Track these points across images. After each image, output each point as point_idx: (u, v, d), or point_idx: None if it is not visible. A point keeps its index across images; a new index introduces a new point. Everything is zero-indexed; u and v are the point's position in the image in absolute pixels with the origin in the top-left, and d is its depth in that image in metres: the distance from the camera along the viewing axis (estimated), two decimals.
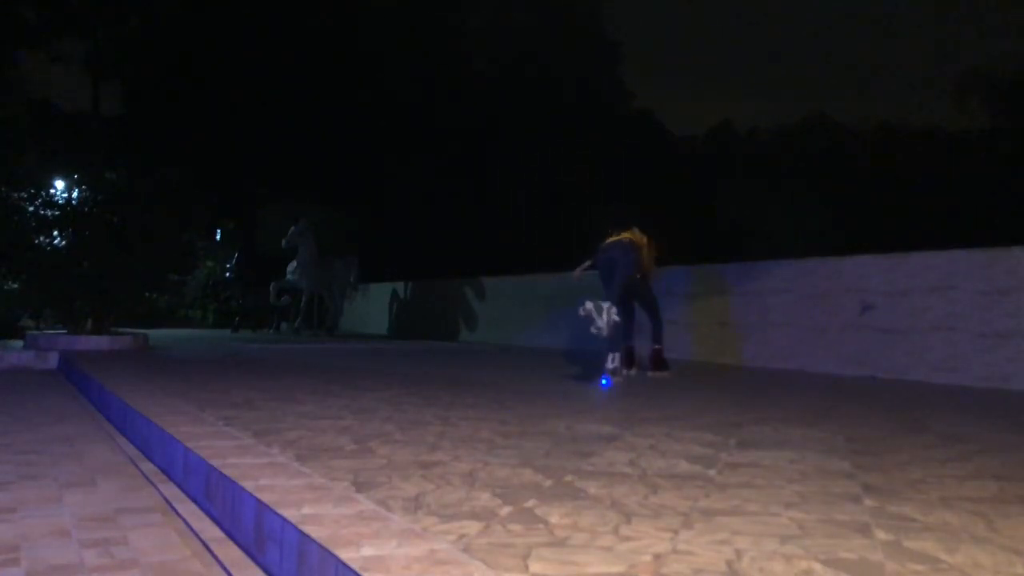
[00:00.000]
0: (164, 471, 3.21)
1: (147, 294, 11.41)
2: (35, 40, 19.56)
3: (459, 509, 2.05)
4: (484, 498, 2.18)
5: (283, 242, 14.06)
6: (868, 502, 2.24)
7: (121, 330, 10.80)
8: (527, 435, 3.33)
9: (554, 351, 10.75)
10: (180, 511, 2.61)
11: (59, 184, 10.25)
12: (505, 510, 2.05)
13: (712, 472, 2.63)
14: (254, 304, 16.48)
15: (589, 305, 5.67)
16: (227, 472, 2.41)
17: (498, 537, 1.80)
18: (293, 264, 14.33)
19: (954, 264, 6.93)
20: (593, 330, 5.69)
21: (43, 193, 9.99)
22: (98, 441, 3.98)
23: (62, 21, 19.85)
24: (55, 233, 9.98)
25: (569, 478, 2.48)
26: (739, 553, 1.72)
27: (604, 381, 5.63)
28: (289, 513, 1.94)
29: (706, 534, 1.87)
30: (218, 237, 17.71)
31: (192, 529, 2.42)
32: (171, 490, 2.91)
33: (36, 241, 9.88)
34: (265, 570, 2.04)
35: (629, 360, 6.59)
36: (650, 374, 6.60)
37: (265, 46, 18.95)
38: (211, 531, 2.39)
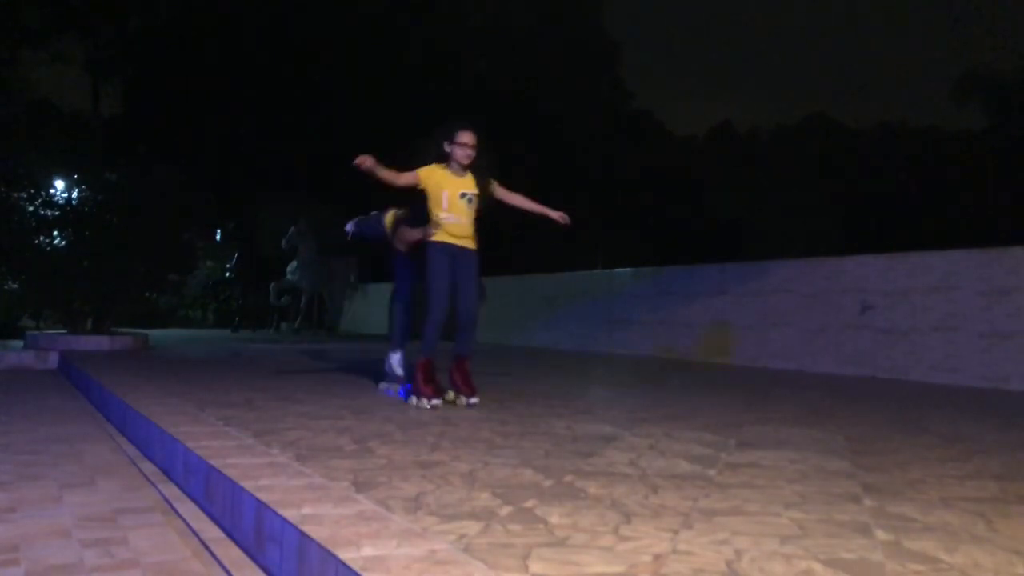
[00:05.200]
0: (164, 471, 3.21)
1: (147, 294, 11.41)
2: (35, 40, 19.55)
3: (459, 509, 2.05)
4: (484, 498, 2.18)
5: (283, 242, 14.06)
6: (868, 502, 2.24)
7: (121, 330, 10.80)
8: (527, 435, 3.33)
9: (554, 351, 10.75)
10: (180, 511, 2.61)
11: (59, 184, 10.25)
12: (505, 510, 2.05)
13: (712, 472, 2.63)
14: (254, 304, 16.47)
15: None
16: (227, 472, 2.41)
17: (498, 537, 1.80)
18: (293, 264, 14.33)
19: (954, 264, 6.93)
20: None
21: (43, 193, 9.99)
22: (98, 441, 3.98)
23: (62, 21, 19.84)
24: (55, 233, 9.98)
25: (569, 478, 2.48)
26: (739, 553, 1.72)
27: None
28: (289, 513, 1.94)
29: (706, 534, 1.87)
30: (218, 237, 17.71)
31: (192, 529, 2.42)
32: (171, 490, 2.91)
33: (36, 241, 9.87)
34: (265, 570, 2.04)
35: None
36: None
37: (265, 47, 18.95)
38: (211, 531, 2.39)
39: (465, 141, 4.37)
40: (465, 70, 21.43)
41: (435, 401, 4.15)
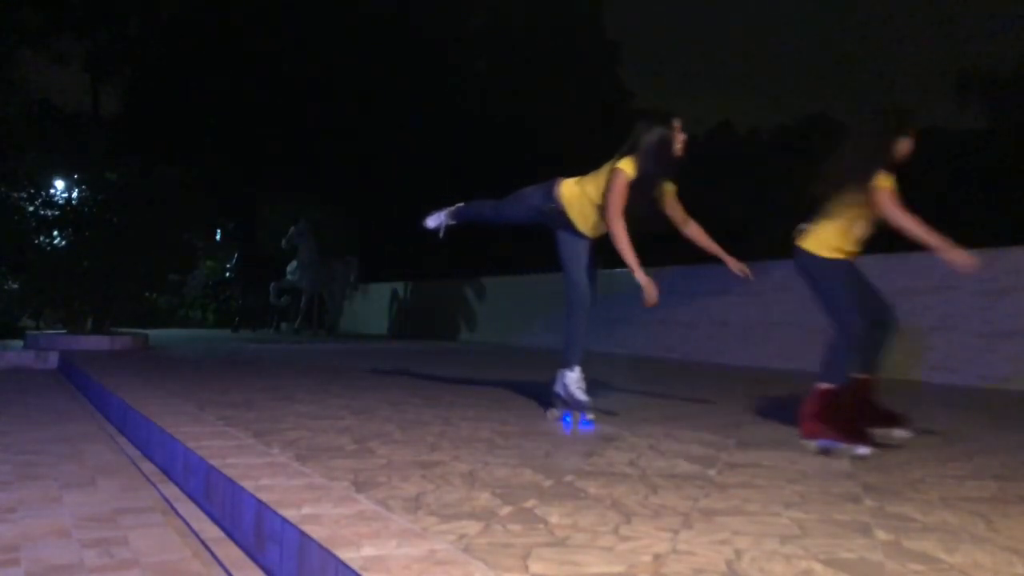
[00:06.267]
0: (164, 471, 3.21)
1: (147, 294, 11.41)
2: (35, 40, 19.56)
3: (459, 509, 2.05)
4: (484, 498, 2.18)
5: (283, 242, 14.08)
6: (868, 502, 2.24)
7: (121, 330, 10.80)
8: (527, 435, 3.33)
9: (553, 351, 10.76)
10: (180, 511, 2.61)
11: (59, 184, 10.25)
12: (505, 510, 2.05)
13: (712, 472, 2.63)
14: (254, 304, 16.48)
15: None
16: (227, 472, 2.41)
17: (498, 537, 1.80)
18: (293, 264, 14.35)
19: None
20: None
21: (43, 193, 9.99)
22: (98, 441, 3.98)
23: (62, 21, 19.84)
24: (55, 233, 9.98)
25: (569, 478, 2.48)
26: (739, 553, 1.72)
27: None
28: (289, 513, 1.94)
29: (706, 534, 1.87)
30: (218, 237, 17.72)
31: (192, 529, 2.42)
32: (171, 490, 2.91)
33: (36, 241, 9.88)
34: (265, 570, 2.04)
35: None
36: None
37: (265, 46, 18.96)
38: (211, 531, 2.39)
39: None
40: (465, 70, 21.43)
41: (863, 450, 2.98)
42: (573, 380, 3.89)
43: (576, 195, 3.92)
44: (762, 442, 3.28)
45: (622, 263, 3.84)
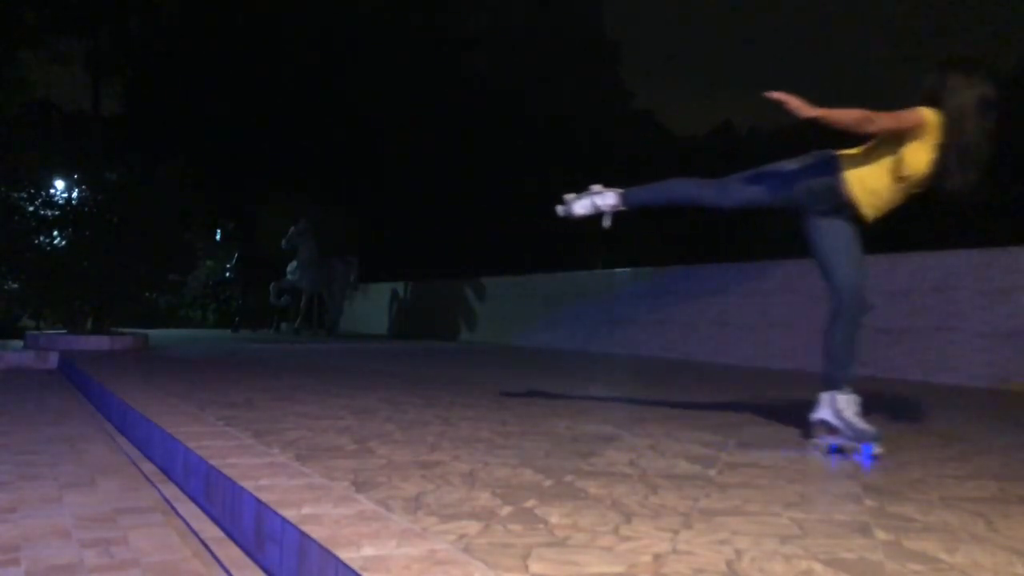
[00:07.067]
0: (164, 471, 3.21)
1: (147, 294, 11.42)
2: (35, 40, 19.57)
3: (459, 509, 2.05)
4: (484, 498, 2.18)
5: (283, 242, 14.08)
6: (868, 502, 2.24)
7: (121, 330, 10.80)
8: (527, 435, 3.33)
9: (553, 351, 10.76)
10: (180, 511, 2.61)
11: (59, 184, 10.25)
12: (505, 510, 2.05)
13: (712, 472, 2.63)
14: (254, 304, 16.49)
15: None
16: (227, 472, 2.41)
17: (498, 537, 1.80)
18: (293, 264, 14.35)
19: (954, 264, 6.93)
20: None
21: (43, 193, 9.99)
22: (98, 441, 3.98)
23: (62, 21, 19.86)
24: (55, 233, 9.99)
25: (569, 478, 2.48)
26: (739, 553, 1.72)
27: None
28: (289, 513, 1.94)
29: (706, 534, 1.87)
30: (218, 237, 17.74)
31: (192, 529, 2.42)
32: (171, 490, 2.91)
33: (36, 241, 9.88)
34: (265, 570, 2.04)
35: None
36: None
37: (265, 46, 18.98)
38: (211, 531, 2.39)
39: None
40: (465, 69, 21.45)
41: None
42: (847, 404, 3.11)
43: (863, 166, 3.14)
44: (762, 442, 3.28)
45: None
